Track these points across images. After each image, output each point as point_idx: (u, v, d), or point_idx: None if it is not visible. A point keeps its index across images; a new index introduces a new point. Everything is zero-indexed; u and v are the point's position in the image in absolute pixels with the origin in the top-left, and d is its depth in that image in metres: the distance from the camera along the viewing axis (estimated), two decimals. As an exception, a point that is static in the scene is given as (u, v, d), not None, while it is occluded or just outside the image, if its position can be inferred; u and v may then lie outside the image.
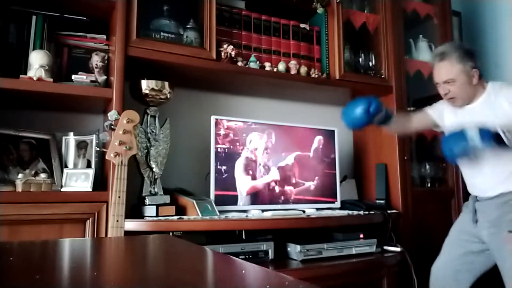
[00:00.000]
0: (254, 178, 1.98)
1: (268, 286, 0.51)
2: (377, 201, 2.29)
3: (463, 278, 1.72)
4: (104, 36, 1.81)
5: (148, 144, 1.77)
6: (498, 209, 1.65)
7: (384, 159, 2.34)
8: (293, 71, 2.09)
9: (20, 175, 1.54)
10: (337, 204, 2.19)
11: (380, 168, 2.34)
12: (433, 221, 2.30)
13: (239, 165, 1.95)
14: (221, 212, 1.77)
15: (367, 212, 2.05)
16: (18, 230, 1.45)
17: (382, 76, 2.33)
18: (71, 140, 1.73)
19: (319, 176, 2.17)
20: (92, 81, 1.68)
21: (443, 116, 1.85)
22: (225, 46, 1.90)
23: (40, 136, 1.70)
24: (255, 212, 1.93)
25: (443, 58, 1.70)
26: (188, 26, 1.89)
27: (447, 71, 1.69)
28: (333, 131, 2.25)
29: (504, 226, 1.60)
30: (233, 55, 1.90)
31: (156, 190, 1.77)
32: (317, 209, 2.12)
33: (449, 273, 1.75)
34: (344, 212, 2.05)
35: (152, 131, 1.80)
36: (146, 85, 1.75)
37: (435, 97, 1.95)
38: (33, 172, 1.61)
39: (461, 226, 1.80)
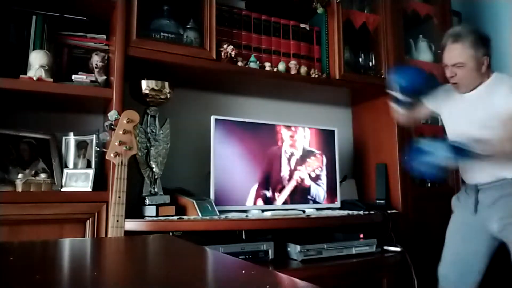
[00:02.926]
0: (254, 178, 1.98)
1: (268, 286, 0.51)
2: (377, 201, 2.29)
3: (472, 275, 1.68)
4: (104, 36, 1.81)
5: (148, 144, 1.77)
6: (506, 196, 1.59)
7: (384, 159, 2.34)
8: (293, 71, 2.09)
9: (20, 175, 1.54)
10: (337, 204, 2.19)
11: (380, 168, 2.34)
12: (433, 221, 2.29)
13: (239, 165, 1.95)
14: (221, 212, 1.77)
15: (367, 212, 2.05)
16: (18, 230, 1.45)
17: (382, 76, 2.33)
18: (71, 140, 1.73)
19: (319, 176, 2.17)
20: (92, 81, 1.68)
21: (442, 104, 1.82)
22: (225, 46, 1.90)
23: (40, 136, 1.70)
24: (255, 212, 1.93)
25: (457, 40, 1.65)
26: (188, 26, 1.89)
27: (458, 54, 1.64)
28: (333, 131, 2.25)
29: None
30: (233, 55, 1.90)
31: (156, 190, 1.77)
32: (317, 209, 2.12)
33: (458, 273, 1.70)
34: (344, 212, 2.05)
35: (152, 131, 1.80)
36: (146, 85, 1.75)
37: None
38: (33, 172, 1.61)
39: (463, 226, 1.74)
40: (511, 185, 1.60)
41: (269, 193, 2.01)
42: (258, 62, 2.01)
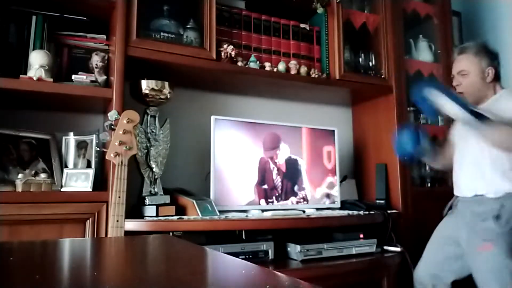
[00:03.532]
0: (253, 178, 1.98)
1: (268, 286, 0.51)
2: (377, 201, 2.29)
3: (441, 283, 1.72)
4: (104, 36, 1.81)
5: (148, 144, 1.77)
6: (476, 214, 1.64)
7: (384, 159, 2.34)
8: (293, 71, 2.09)
9: (20, 175, 1.54)
10: (337, 204, 2.19)
11: (380, 168, 2.34)
12: (433, 221, 2.28)
13: (239, 165, 1.95)
14: (221, 212, 1.77)
15: (367, 212, 2.05)
16: (18, 230, 1.45)
17: (382, 76, 2.33)
18: (71, 140, 1.73)
19: (319, 176, 2.17)
20: (92, 81, 1.68)
21: (453, 128, 1.89)
22: (225, 46, 1.90)
23: (40, 136, 1.70)
24: (255, 212, 1.93)
25: (462, 52, 1.76)
26: (188, 26, 1.89)
27: (462, 63, 1.74)
28: (333, 131, 2.25)
29: (479, 234, 1.59)
30: (233, 55, 1.90)
31: (156, 190, 1.77)
32: (317, 209, 2.12)
33: (429, 278, 1.75)
34: (344, 212, 2.05)
35: (152, 131, 1.80)
36: (146, 85, 1.75)
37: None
38: (33, 172, 1.61)
39: (442, 231, 1.81)
40: (486, 205, 1.62)
41: (269, 193, 2.01)
42: (258, 62, 2.01)
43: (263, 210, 1.94)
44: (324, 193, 2.18)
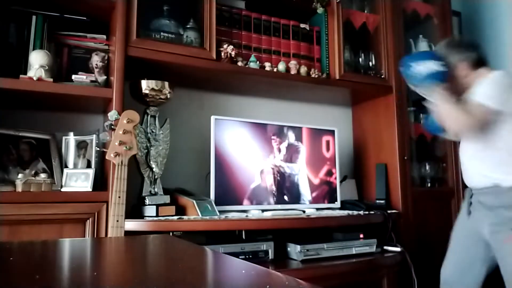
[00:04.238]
0: (253, 178, 1.98)
1: (268, 286, 0.51)
2: (377, 201, 2.29)
3: (471, 277, 1.68)
4: (104, 36, 1.81)
5: (148, 144, 1.77)
6: (499, 206, 1.58)
7: (384, 159, 2.34)
8: (293, 71, 2.09)
9: (20, 175, 1.54)
10: (337, 204, 2.19)
11: (380, 168, 2.34)
12: (433, 221, 2.30)
13: (239, 165, 1.95)
14: (221, 212, 1.77)
15: (367, 212, 2.05)
16: (18, 230, 1.45)
17: (382, 76, 2.33)
18: (71, 140, 1.73)
19: (319, 176, 2.17)
20: (92, 81, 1.68)
21: None
22: (225, 46, 1.90)
23: (40, 136, 1.70)
24: (255, 212, 1.93)
25: None
26: (188, 26, 1.89)
27: None
28: (333, 131, 2.25)
29: (508, 225, 1.54)
30: (233, 55, 1.90)
31: (156, 190, 1.77)
32: (317, 209, 2.12)
33: (457, 275, 1.71)
34: (344, 212, 2.05)
35: (152, 131, 1.80)
36: (146, 85, 1.75)
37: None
38: (33, 172, 1.61)
39: (461, 228, 1.76)
40: (506, 195, 1.58)
41: (269, 193, 2.01)
42: (258, 62, 2.01)
43: (263, 210, 1.94)
44: (324, 193, 2.17)
